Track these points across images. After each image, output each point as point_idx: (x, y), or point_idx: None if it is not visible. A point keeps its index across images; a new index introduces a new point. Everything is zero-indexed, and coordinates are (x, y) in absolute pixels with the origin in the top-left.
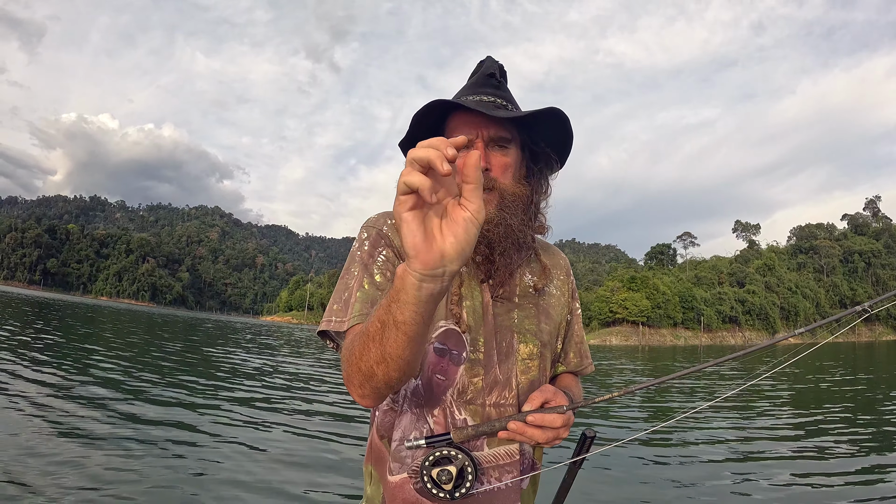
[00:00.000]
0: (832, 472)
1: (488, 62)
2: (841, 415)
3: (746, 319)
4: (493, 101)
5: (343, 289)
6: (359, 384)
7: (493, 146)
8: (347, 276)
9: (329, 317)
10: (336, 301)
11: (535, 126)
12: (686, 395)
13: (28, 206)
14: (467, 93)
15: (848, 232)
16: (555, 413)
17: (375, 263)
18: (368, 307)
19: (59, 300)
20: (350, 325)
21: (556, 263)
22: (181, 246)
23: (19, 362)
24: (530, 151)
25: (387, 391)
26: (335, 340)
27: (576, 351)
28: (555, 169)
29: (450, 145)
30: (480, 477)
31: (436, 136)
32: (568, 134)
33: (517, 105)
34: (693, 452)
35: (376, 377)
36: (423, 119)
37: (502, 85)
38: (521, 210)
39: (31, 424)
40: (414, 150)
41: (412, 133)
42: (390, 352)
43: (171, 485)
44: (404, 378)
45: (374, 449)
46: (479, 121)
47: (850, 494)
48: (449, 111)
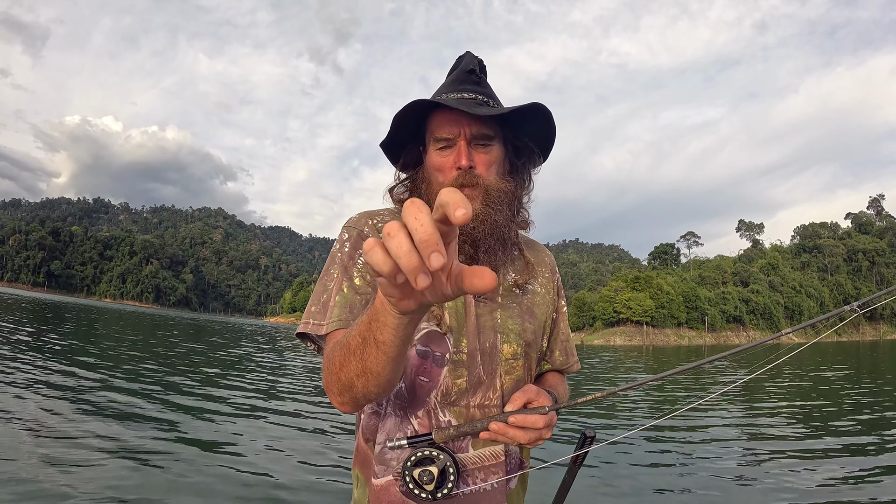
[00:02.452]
0: (831, 469)
1: (467, 58)
2: (842, 413)
3: (750, 319)
4: (475, 97)
5: (322, 290)
6: (338, 392)
7: (476, 143)
8: (326, 278)
9: (307, 319)
10: (315, 303)
11: (518, 121)
12: (686, 393)
13: (32, 208)
14: (448, 90)
15: (852, 231)
16: (537, 414)
17: (355, 266)
18: (347, 312)
19: (64, 302)
20: (329, 329)
21: (540, 261)
22: (185, 247)
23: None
24: (513, 146)
25: (365, 402)
26: (315, 342)
27: (561, 349)
28: (537, 163)
29: (435, 250)
30: (465, 478)
31: (417, 135)
32: (551, 128)
33: (499, 100)
34: (693, 450)
35: (356, 388)
36: (404, 119)
37: (483, 81)
38: (505, 206)
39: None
40: (380, 251)
41: (393, 133)
42: (370, 367)
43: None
44: (383, 393)
45: (360, 452)
46: (462, 119)
47: (850, 494)
48: (430, 109)
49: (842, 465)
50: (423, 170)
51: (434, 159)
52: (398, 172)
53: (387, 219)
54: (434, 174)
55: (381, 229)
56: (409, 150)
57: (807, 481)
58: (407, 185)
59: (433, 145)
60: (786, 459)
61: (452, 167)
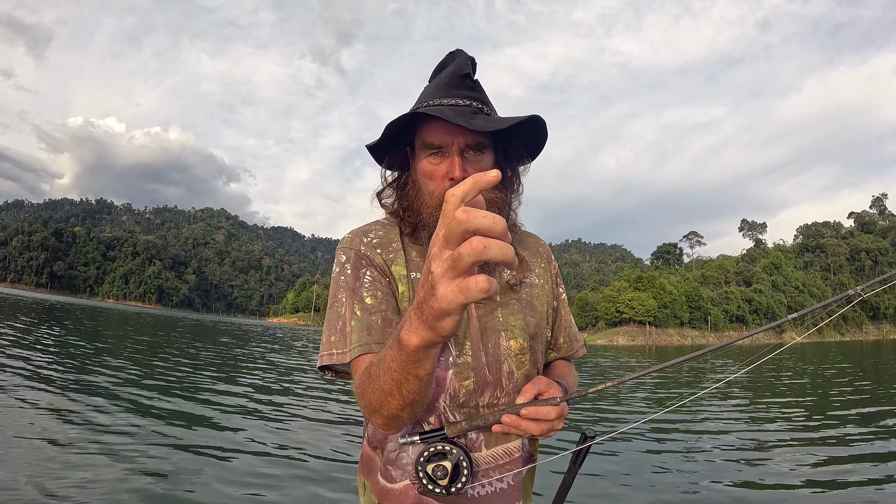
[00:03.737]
0: (831, 467)
1: (460, 59)
2: (843, 411)
3: (753, 319)
4: (469, 104)
5: (336, 318)
6: (383, 425)
7: (469, 151)
8: (337, 305)
9: (329, 350)
10: (332, 332)
11: (511, 129)
12: (684, 390)
13: (34, 209)
14: (440, 94)
15: (854, 230)
16: (549, 405)
17: (363, 286)
18: (366, 335)
19: (68, 303)
20: (352, 356)
21: (535, 252)
22: (187, 248)
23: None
24: (503, 152)
25: (412, 421)
26: (337, 371)
27: (565, 336)
28: (525, 164)
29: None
30: (480, 478)
31: (405, 141)
32: (542, 135)
33: (492, 105)
34: (695, 446)
35: (403, 418)
36: (393, 126)
37: (478, 85)
38: (497, 213)
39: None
40: (497, 245)
41: (383, 138)
42: (413, 399)
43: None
44: (426, 403)
45: (366, 459)
46: (456, 128)
47: (852, 495)
48: (422, 115)
49: (846, 462)
50: (412, 172)
51: (425, 166)
52: (384, 171)
53: (380, 232)
54: (424, 181)
55: (377, 244)
56: (395, 151)
57: (808, 477)
58: (395, 187)
59: (424, 151)
60: (787, 456)
61: (444, 177)
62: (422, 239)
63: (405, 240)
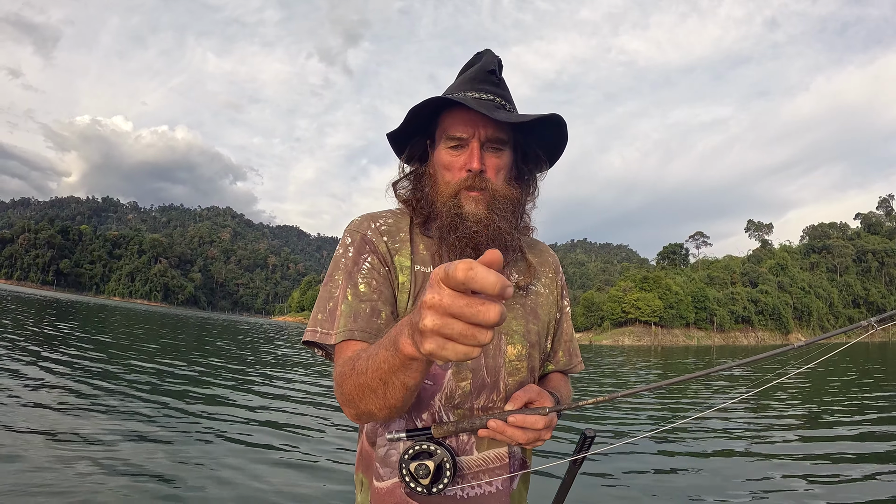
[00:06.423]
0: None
1: (487, 57)
2: (850, 419)
3: (759, 320)
4: (493, 99)
5: (327, 297)
6: (355, 417)
7: (489, 147)
8: (331, 284)
9: (315, 326)
10: (321, 310)
11: (531, 128)
12: (689, 400)
13: (41, 207)
14: (465, 87)
15: (861, 231)
16: (537, 414)
17: (360, 272)
18: (352, 322)
19: (75, 301)
20: (337, 340)
21: (543, 261)
22: (193, 246)
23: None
24: (522, 152)
25: (387, 421)
26: (323, 348)
27: (565, 350)
28: (543, 170)
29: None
30: (469, 480)
31: (426, 131)
32: (563, 138)
33: (514, 104)
34: (698, 456)
35: (376, 416)
36: (419, 113)
37: (502, 83)
38: (510, 212)
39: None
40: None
41: (405, 125)
42: (394, 403)
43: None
44: (404, 411)
45: (363, 455)
46: (478, 120)
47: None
48: (445, 106)
49: (851, 469)
50: (430, 165)
51: (444, 157)
52: (402, 164)
53: (389, 220)
54: (442, 172)
55: (385, 231)
56: (416, 143)
57: (811, 485)
58: (411, 179)
59: (444, 142)
60: (792, 463)
61: (462, 168)
62: (432, 230)
63: (414, 230)
